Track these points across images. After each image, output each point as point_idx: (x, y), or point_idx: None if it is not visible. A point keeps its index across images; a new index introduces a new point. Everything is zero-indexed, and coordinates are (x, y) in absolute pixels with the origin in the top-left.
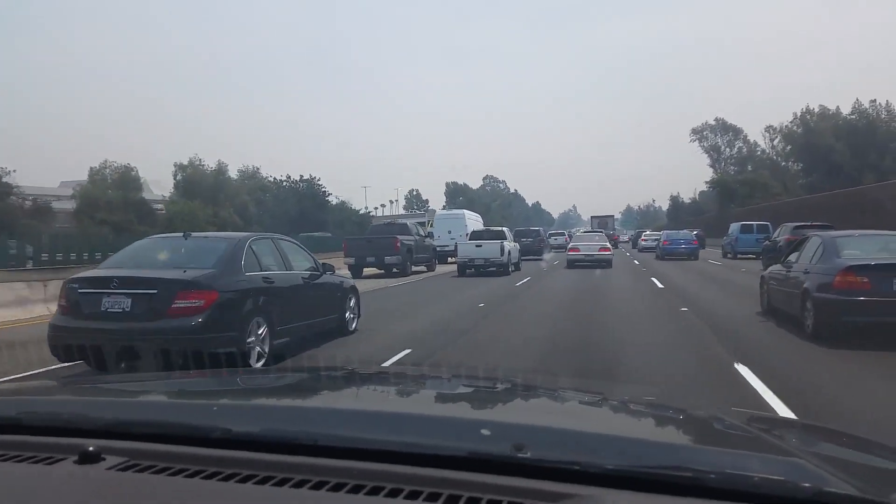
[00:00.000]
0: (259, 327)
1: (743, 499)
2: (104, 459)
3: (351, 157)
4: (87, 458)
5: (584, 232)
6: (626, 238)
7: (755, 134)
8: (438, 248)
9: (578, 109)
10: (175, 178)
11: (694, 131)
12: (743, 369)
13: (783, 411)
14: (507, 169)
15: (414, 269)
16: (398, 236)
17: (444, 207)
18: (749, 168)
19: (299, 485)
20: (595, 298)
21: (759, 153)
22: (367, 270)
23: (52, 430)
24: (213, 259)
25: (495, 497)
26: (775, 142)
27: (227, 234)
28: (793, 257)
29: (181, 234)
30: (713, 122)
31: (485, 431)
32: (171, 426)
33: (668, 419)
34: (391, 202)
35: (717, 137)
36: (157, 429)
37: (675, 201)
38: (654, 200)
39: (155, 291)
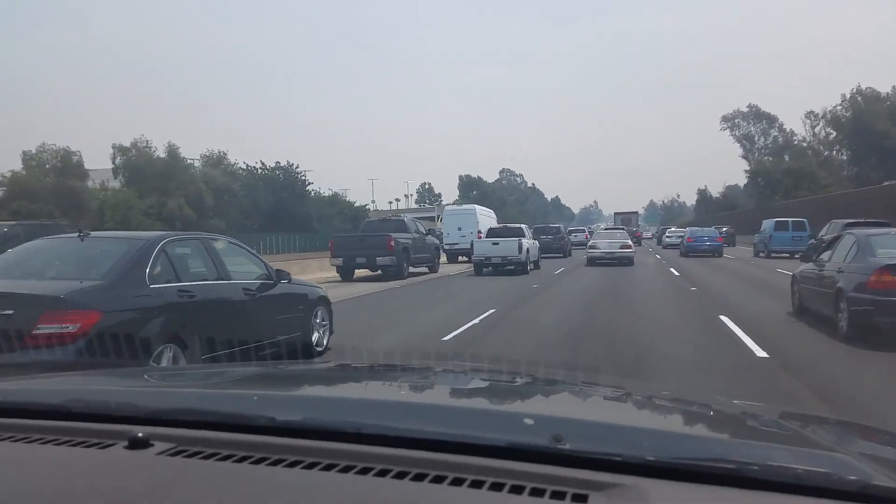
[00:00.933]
0: (173, 358)
1: (786, 490)
2: (153, 445)
3: (359, 150)
4: (136, 444)
5: (605, 229)
6: (649, 235)
7: (792, 122)
8: (447, 246)
9: (600, 101)
10: (114, 163)
11: (725, 119)
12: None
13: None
14: (525, 162)
15: (413, 269)
16: (392, 234)
17: (456, 201)
18: (787, 158)
19: (346, 470)
20: (620, 304)
21: (797, 142)
22: (358, 272)
23: (101, 417)
24: (105, 267)
25: (539, 485)
26: (817, 128)
27: (135, 234)
28: (825, 256)
29: (76, 233)
30: (745, 110)
31: (528, 421)
32: (215, 414)
33: (704, 414)
34: (405, 196)
35: (750, 126)
36: (203, 416)
37: (702, 195)
38: (678, 195)
39: (11, 312)
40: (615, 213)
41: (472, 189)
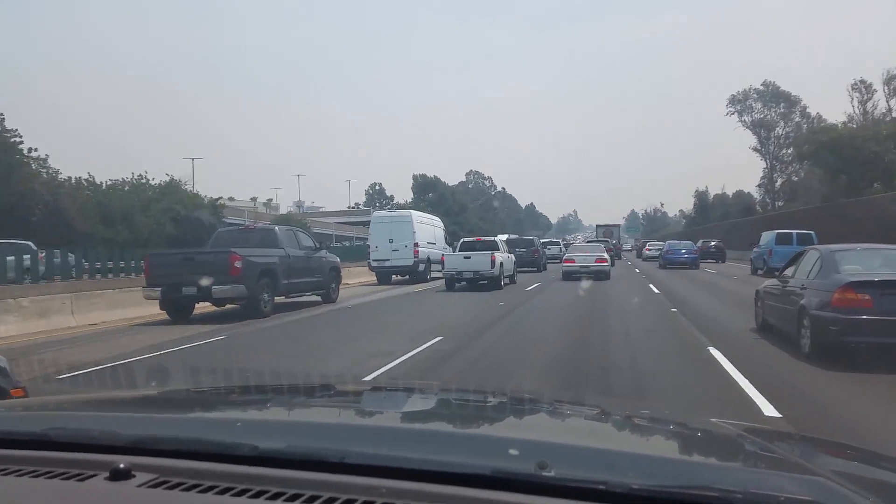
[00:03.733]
0: None
1: None
2: (134, 476)
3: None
4: (118, 475)
5: (583, 242)
6: (629, 247)
7: (816, 104)
8: (375, 263)
9: (581, 105)
10: None
11: (732, 101)
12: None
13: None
14: (497, 166)
15: (294, 299)
16: (238, 251)
17: (407, 203)
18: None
19: (329, 502)
20: (596, 328)
21: (843, 122)
22: (202, 307)
23: (82, 446)
24: None
25: None
26: (868, 104)
27: None
28: (789, 271)
29: None
30: (761, 87)
31: (513, 451)
32: (198, 443)
33: (690, 437)
34: (361, 198)
35: (766, 109)
36: (185, 445)
37: (701, 199)
38: (662, 205)
39: None
40: (597, 226)
41: (427, 190)
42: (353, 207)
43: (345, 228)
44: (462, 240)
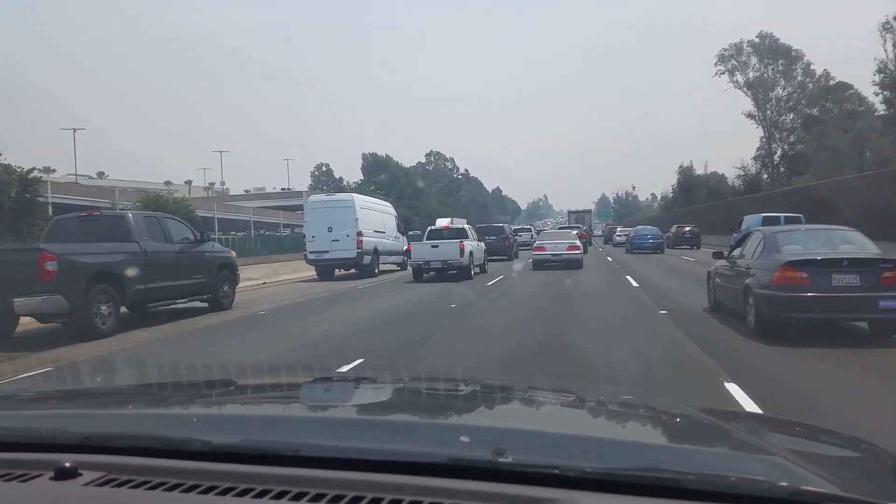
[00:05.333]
0: None
1: (721, 499)
2: (81, 475)
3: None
4: (63, 475)
5: (554, 229)
6: (598, 232)
7: (820, 61)
8: (312, 256)
9: (550, 85)
10: None
11: (722, 59)
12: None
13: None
14: (460, 146)
15: (174, 306)
16: (54, 249)
17: (355, 186)
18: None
19: (280, 496)
20: (563, 326)
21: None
22: (27, 322)
23: (27, 445)
24: None
25: None
26: None
27: None
28: (737, 252)
29: None
30: (756, 40)
31: (464, 439)
32: (148, 439)
33: (645, 419)
34: (314, 179)
35: (763, 67)
36: (135, 441)
37: (685, 175)
38: (633, 188)
39: None
40: (569, 212)
41: (379, 171)
42: (286, 190)
43: (268, 213)
44: (429, 228)
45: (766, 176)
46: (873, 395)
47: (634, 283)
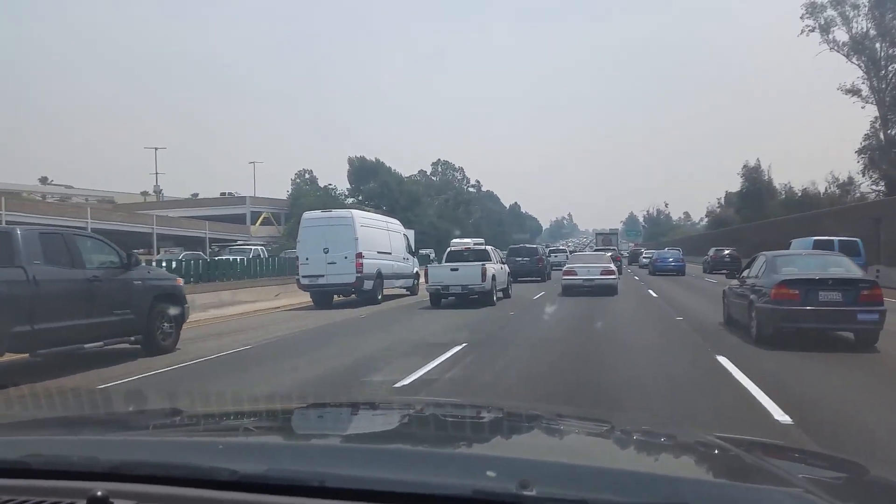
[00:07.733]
0: None
1: None
2: None
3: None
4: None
5: (585, 252)
6: (625, 252)
7: None
8: (306, 280)
9: (577, 97)
10: None
11: (811, 8)
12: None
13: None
14: (475, 160)
15: (98, 349)
16: None
17: (342, 195)
18: None
19: None
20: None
21: None
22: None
23: (59, 472)
24: None
25: None
26: None
27: None
28: (745, 273)
29: None
30: None
31: (490, 473)
32: (177, 468)
33: (669, 450)
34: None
35: (876, 12)
36: (164, 470)
37: (750, 178)
38: (666, 205)
39: None
40: (596, 234)
41: (368, 178)
42: (226, 195)
43: (188, 225)
44: (449, 249)
45: (873, 177)
46: (843, 380)
47: (663, 303)
